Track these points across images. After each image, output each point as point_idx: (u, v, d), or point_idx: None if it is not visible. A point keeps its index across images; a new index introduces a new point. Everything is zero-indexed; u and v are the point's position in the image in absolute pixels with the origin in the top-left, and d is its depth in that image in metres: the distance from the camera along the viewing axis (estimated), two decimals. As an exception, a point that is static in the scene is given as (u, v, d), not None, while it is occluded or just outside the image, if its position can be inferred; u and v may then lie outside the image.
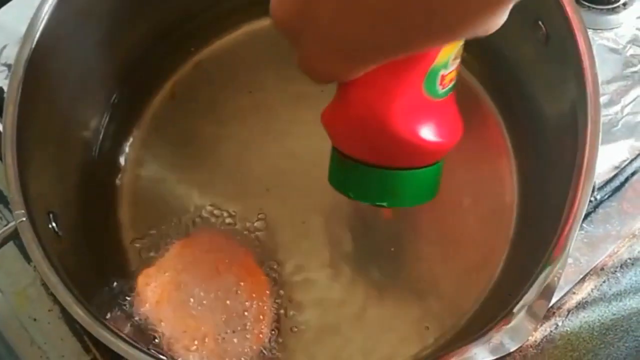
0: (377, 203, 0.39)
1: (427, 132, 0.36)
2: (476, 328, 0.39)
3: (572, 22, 0.44)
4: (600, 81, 0.57)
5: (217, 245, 0.53)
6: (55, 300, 0.53)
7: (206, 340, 0.49)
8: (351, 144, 0.38)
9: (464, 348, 0.39)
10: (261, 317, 0.50)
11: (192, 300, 0.50)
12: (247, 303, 0.51)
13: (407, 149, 0.36)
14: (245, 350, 0.49)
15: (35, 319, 0.53)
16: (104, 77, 0.57)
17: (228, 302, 0.50)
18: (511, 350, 0.40)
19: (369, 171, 0.38)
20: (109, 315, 0.46)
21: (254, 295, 0.51)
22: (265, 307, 0.51)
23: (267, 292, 0.52)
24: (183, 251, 0.52)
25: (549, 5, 0.45)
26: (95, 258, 0.51)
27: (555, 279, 0.41)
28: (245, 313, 0.50)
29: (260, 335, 0.50)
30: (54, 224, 0.46)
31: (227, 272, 0.51)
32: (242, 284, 0.51)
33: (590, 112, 0.42)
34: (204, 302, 0.50)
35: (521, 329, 0.40)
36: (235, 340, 0.49)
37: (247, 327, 0.50)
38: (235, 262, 0.52)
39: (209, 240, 0.53)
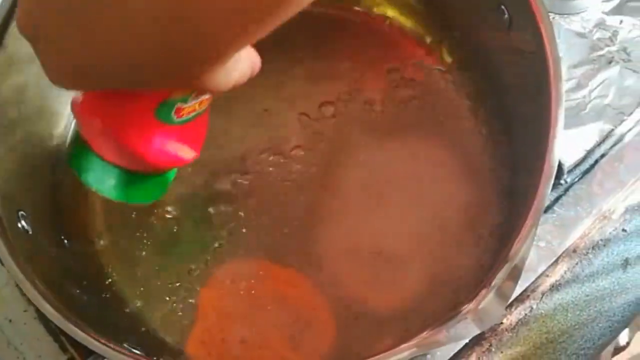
0: (105, 194, 0.41)
1: (155, 152, 0.38)
2: (444, 311, 0.40)
3: (533, 7, 0.44)
4: (567, 65, 0.59)
5: (239, 270, 0.53)
6: (31, 301, 0.53)
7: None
8: (92, 138, 0.39)
9: (433, 331, 0.39)
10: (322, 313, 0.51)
11: (250, 335, 0.51)
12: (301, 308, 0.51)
13: (134, 161, 0.38)
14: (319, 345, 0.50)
15: (10, 320, 0.53)
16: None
17: (285, 317, 0.51)
18: (482, 331, 0.41)
19: (102, 164, 0.39)
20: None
21: (303, 298, 0.52)
22: (321, 302, 0.51)
23: (313, 287, 0.52)
24: (212, 297, 0.52)
25: (511, -10, 0.46)
26: (67, 257, 0.51)
27: (523, 259, 0.42)
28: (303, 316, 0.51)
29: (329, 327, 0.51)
30: (23, 223, 0.46)
31: (265, 291, 0.52)
32: (287, 296, 0.52)
33: (553, 97, 0.43)
34: (262, 331, 0.51)
35: (491, 311, 0.40)
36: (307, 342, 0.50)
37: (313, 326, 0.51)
38: (266, 278, 0.52)
39: (228, 270, 0.53)
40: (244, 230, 0.54)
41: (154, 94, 0.36)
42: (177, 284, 0.53)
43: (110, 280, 0.53)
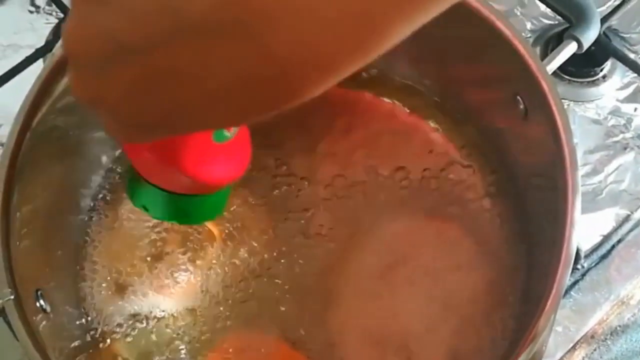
0: (171, 221, 0.45)
1: (214, 172, 0.40)
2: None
3: (548, 97, 0.45)
4: (582, 151, 0.60)
5: (245, 345, 0.52)
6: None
7: None
8: (148, 172, 0.40)
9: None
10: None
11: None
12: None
13: (195, 185, 0.40)
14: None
15: (22, 398, 0.53)
16: (100, 154, 0.57)
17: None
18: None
19: (163, 195, 0.41)
20: None
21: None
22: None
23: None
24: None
25: (527, 81, 0.47)
26: (85, 338, 0.51)
27: (543, 347, 0.41)
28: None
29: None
30: (42, 302, 0.46)
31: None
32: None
33: (570, 185, 0.43)
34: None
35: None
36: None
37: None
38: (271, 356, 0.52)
39: (233, 344, 0.53)
40: (255, 307, 0.53)
41: None
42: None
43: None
